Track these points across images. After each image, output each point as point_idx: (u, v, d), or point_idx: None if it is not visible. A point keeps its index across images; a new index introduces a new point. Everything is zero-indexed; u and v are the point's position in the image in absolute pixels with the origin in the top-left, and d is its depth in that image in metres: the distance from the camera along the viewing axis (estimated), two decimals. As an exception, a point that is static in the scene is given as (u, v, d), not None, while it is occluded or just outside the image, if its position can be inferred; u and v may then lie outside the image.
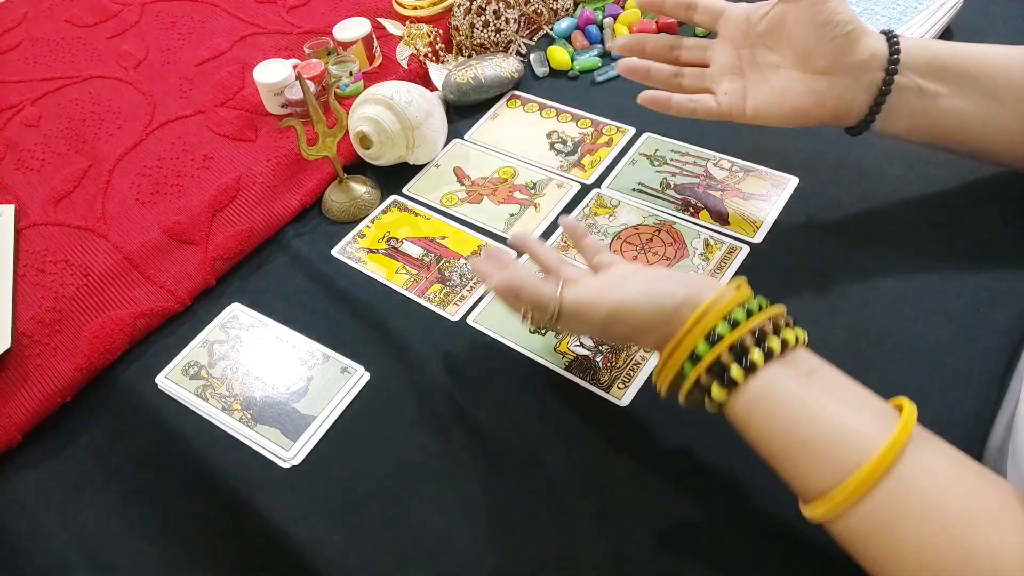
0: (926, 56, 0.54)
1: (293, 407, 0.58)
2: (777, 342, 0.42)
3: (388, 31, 0.87)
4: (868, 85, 0.54)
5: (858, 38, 0.53)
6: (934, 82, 0.54)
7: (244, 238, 0.70)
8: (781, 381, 0.42)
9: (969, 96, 0.53)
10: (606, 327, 0.48)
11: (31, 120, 0.85)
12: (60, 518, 0.56)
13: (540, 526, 0.50)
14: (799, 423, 0.40)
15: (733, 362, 0.42)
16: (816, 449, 0.39)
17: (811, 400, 0.41)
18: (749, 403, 0.42)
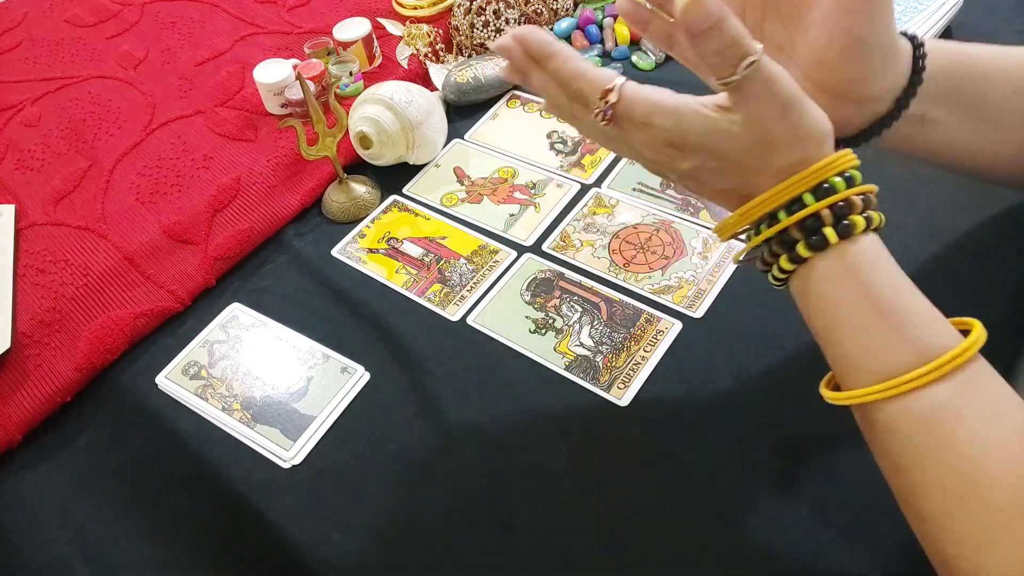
0: (942, 78, 0.46)
1: (293, 407, 0.58)
2: (876, 216, 0.39)
3: (388, 31, 0.87)
4: (871, 114, 0.46)
5: (886, 68, 0.44)
6: (940, 109, 0.47)
7: (244, 238, 0.70)
8: (884, 251, 0.40)
9: (969, 124, 0.48)
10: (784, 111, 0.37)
11: (31, 120, 0.85)
12: (60, 518, 0.56)
13: (540, 526, 0.50)
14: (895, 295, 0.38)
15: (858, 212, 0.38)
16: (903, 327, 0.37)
17: (900, 279, 0.39)
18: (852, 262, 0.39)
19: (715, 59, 0.36)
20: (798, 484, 0.49)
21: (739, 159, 0.39)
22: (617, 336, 0.59)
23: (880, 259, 0.39)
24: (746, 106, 0.37)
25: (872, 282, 0.38)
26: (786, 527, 0.48)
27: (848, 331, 0.39)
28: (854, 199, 0.38)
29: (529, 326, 0.61)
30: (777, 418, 0.52)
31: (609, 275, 0.63)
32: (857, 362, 0.39)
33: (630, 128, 0.40)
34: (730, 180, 0.40)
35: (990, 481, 0.34)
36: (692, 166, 0.40)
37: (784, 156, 0.38)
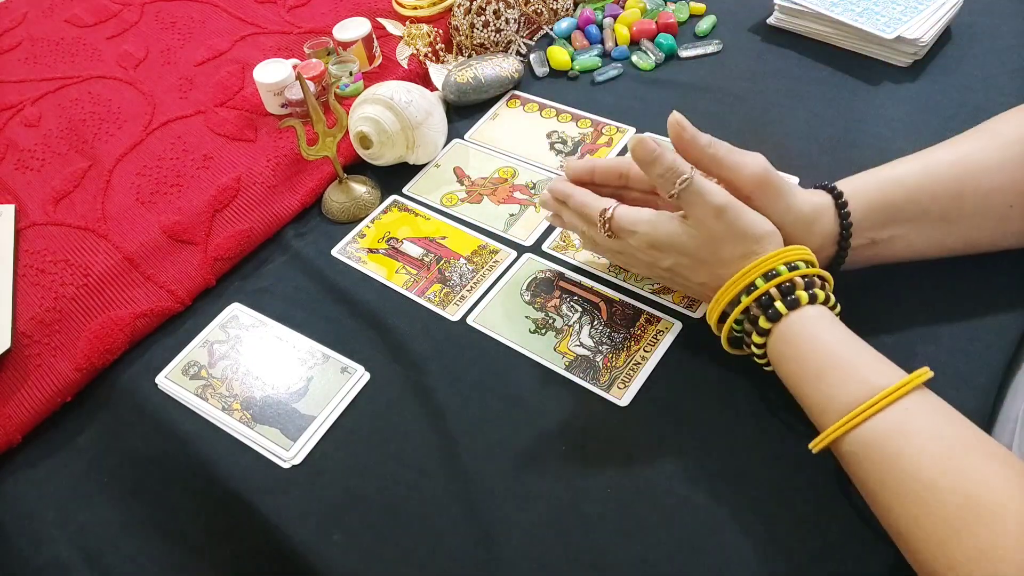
0: (877, 210, 0.52)
1: (293, 407, 0.58)
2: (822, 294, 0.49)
3: (388, 31, 0.87)
4: (824, 259, 0.54)
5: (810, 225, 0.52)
6: (886, 229, 0.53)
7: (244, 238, 0.70)
8: (831, 316, 0.49)
9: (922, 229, 0.53)
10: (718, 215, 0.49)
11: (31, 120, 0.85)
12: (60, 518, 0.56)
13: (540, 526, 0.50)
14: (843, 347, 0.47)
15: (801, 289, 0.48)
16: (851, 371, 0.45)
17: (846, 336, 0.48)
18: (802, 326, 0.48)
19: (660, 180, 0.50)
20: (798, 484, 0.49)
21: (698, 254, 0.51)
22: (617, 336, 0.59)
23: (826, 322, 0.48)
24: (691, 212, 0.50)
25: (821, 339, 0.47)
26: (786, 527, 0.48)
27: (809, 380, 0.47)
28: (796, 279, 0.48)
29: (529, 326, 0.61)
30: (777, 418, 0.52)
31: (609, 275, 0.63)
32: (821, 407, 0.46)
33: (624, 235, 0.53)
34: (701, 274, 0.52)
35: (943, 484, 0.39)
36: (672, 263, 0.53)
37: (729, 249, 0.50)
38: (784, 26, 0.82)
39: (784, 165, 0.69)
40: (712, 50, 0.82)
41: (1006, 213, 0.53)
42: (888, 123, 0.71)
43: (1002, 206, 0.52)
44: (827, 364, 0.46)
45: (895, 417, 0.43)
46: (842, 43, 0.79)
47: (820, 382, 0.46)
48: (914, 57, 0.75)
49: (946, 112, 0.71)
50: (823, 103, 0.74)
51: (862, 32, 0.75)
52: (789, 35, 0.82)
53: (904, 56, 0.75)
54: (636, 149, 0.50)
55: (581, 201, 0.56)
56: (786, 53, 0.80)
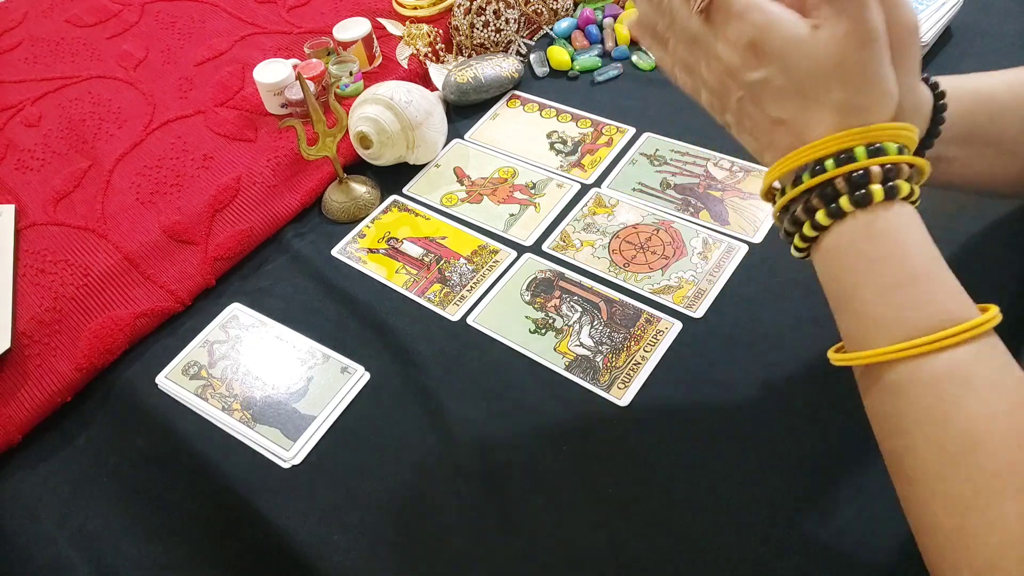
0: (963, 122, 0.48)
1: (293, 407, 0.58)
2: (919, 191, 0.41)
3: (388, 31, 0.87)
4: None
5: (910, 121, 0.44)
6: (955, 148, 0.49)
7: (244, 238, 0.70)
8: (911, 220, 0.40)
9: (985, 156, 0.50)
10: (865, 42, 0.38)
11: (31, 120, 0.85)
12: (60, 518, 0.56)
13: (540, 526, 0.50)
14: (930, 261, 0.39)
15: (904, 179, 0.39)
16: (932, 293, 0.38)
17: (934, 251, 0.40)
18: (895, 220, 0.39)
19: None
20: (799, 484, 0.49)
21: (807, 81, 0.39)
22: (617, 336, 0.59)
23: (918, 225, 0.40)
24: (835, 22, 0.38)
25: (910, 243, 0.39)
26: (787, 526, 0.48)
27: (878, 289, 0.39)
28: (903, 166, 0.39)
29: (529, 326, 0.61)
30: (777, 418, 0.52)
31: (609, 275, 0.63)
32: (880, 321, 0.39)
33: (722, 21, 0.41)
34: (789, 107, 0.40)
35: (990, 447, 0.35)
36: (761, 77, 0.40)
37: (847, 91, 0.39)
38: (784, 26, 0.82)
39: (784, 165, 0.69)
40: (712, 50, 0.82)
41: None
42: (888, 123, 0.71)
43: None
44: (910, 276, 0.39)
45: (964, 359, 0.37)
46: (842, 43, 0.79)
47: (894, 294, 0.39)
48: (914, 57, 0.75)
49: (946, 112, 0.71)
50: (823, 103, 0.74)
51: (862, 32, 0.75)
52: (789, 35, 0.82)
53: (904, 56, 0.75)
54: None
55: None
56: (786, 53, 0.80)
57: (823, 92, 0.39)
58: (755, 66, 0.41)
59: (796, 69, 0.39)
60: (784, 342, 0.56)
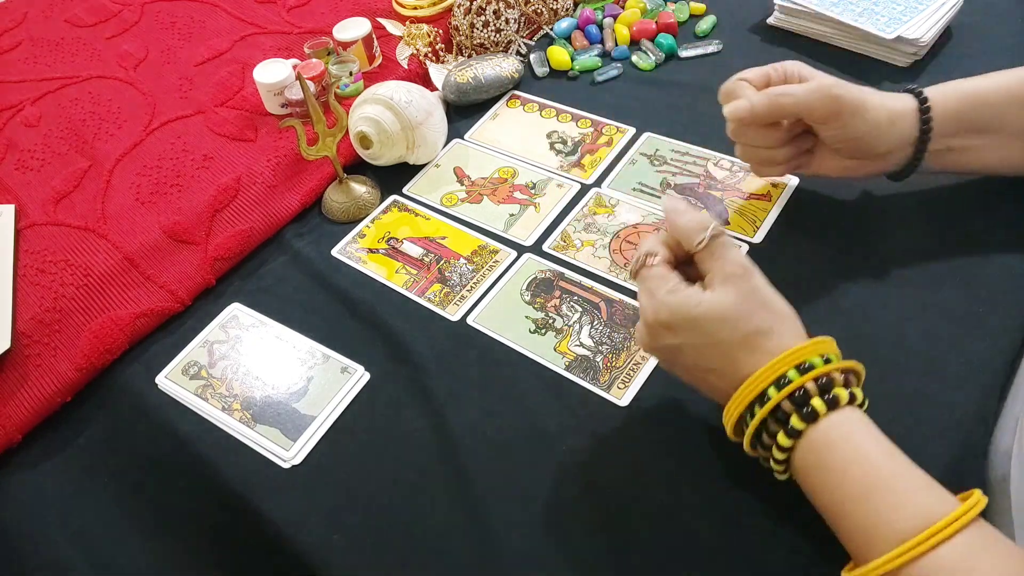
0: (956, 117, 0.54)
1: (293, 407, 0.58)
2: (860, 393, 0.43)
3: (388, 31, 0.87)
4: (898, 160, 0.56)
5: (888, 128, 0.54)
6: (961, 138, 0.55)
7: (244, 238, 0.70)
8: (870, 422, 0.42)
9: (997, 142, 0.55)
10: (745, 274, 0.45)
11: (31, 120, 0.85)
12: (60, 518, 0.56)
13: (540, 526, 0.50)
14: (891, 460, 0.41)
15: (840, 386, 0.43)
16: (905, 494, 0.39)
17: (892, 449, 0.41)
18: (840, 432, 0.42)
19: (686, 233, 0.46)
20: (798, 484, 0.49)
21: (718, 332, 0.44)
22: (617, 336, 0.59)
23: (869, 430, 0.42)
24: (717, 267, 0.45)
25: (866, 450, 0.41)
26: (787, 526, 0.48)
27: (855, 498, 0.41)
28: (835, 374, 0.43)
29: (529, 326, 0.61)
30: (777, 418, 0.52)
31: (609, 275, 0.63)
32: (867, 531, 0.40)
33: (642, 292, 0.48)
34: (712, 359, 0.46)
35: None
36: (678, 343, 0.46)
37: (757, 319, 0.44)
38: (784, 26, 0.82)
39: (784, 165, 0.69)
40: (712, 50, 0.82)
41: None
42: (888, 123, 0.71)
43: None
44: (876, 483, 0.40)
45: (958, 552, 0.37)
46: (842, 43, 0.79)
47: (867, 503, 0.40)
48: (914, 57, 0.75)
49: (946, 112, 0.71)
50: (823, 103, 0.74)
51: (862, 32, 0.75)
52: (789, 35, 0.82)
53: (904, 56, 0.75)
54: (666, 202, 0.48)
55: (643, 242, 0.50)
56: (786, 53, 0.80)
57: (735, 333, 0.44)
58: (664, 336, 0.47)
59: (705, 327, 0.45)
60: (784, 342, 0.56)
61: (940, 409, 0.51)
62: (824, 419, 0.42)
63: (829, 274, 0.59)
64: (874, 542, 0.39)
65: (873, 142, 0.54)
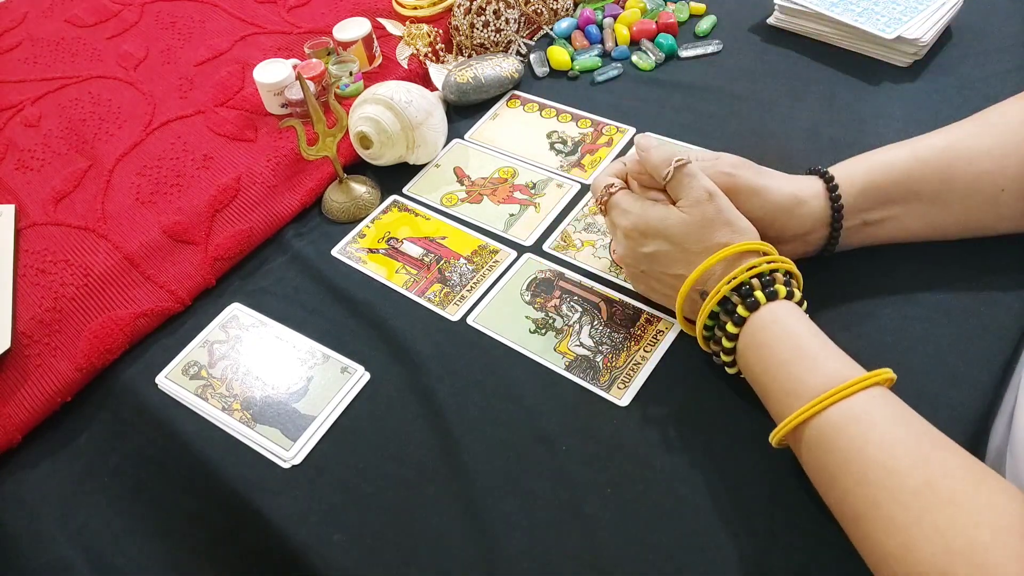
0: (866, 192, 0.55)
1: (293, 407, 0.58)
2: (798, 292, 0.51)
3: (388, 31, 0.87)
4: (818, 240, 0.57)
5: (795, 208, 0.55)
6: (876, 211, 0.56)
7: (244, 238, 0.70)
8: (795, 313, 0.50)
9: (913, 211, 0.55)
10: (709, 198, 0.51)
11: (31, 120, 0.85)
12: (60, 518, 0.56)
13: (540, 526, 0.50)
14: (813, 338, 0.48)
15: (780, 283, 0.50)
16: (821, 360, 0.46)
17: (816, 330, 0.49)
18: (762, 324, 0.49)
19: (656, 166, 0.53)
20: (798, 484, 0.49)
21: (685, 241, 0.52)
22: (617, 336, 0.59)
23: (798, 315, 0.49)
24: (685, 194, 0.52)
25: (793, 329, 0.48)
26: (787, 527, 0.48)
27: (776, 366, 0.48)
28: (776, 274, 0.50)
29: (529, 326, 0.61)
30: (777, 418, 0.52)
31: (610, 275, 0.63)
32: (787, 392, 0.46)
33: (615, 216, 0.56)
34: (680, 263, 0.53)
35: (904, 468, 0.40)
36: (654, 249, 0.54)
37: (719, 234, 0.51)
38: (784, 26, 0.82)
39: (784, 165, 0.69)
40: (712, 50, 0.82)
41: (997, 197, 0.54)
42: (888, 123, 0.71)
43: (992, 189, 0.53)
44: (798, 352, 0.47)
45: (862, 405, 0.43)
46: (842, 43, 0.79)
47: (790, 368, 0.47)
48: (914, 57, 0.75)
49: (946, 112, 0.71)
50: (823, 103, 0.74)
51: (862, 32, 0.75)
52: (789, 35, 0.82)
53: (904, 56, 0.75)
54: (639, 140, 0.55)
55: (598, 178, 0.59)
56: (786, 53, 0.80)
57: (702, 242, 0.51)
58: (646, 243, 0.54)
59: (676, 236, 0.52)
60: (784, 342, 0.56)
61: (940, 409, 0.51)
62: (763, 307, 0.49)
63: (829, 274, 0.59)
64: (792, 401, 0.46)
65: (780, 225, 0.55)
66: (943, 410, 0.51)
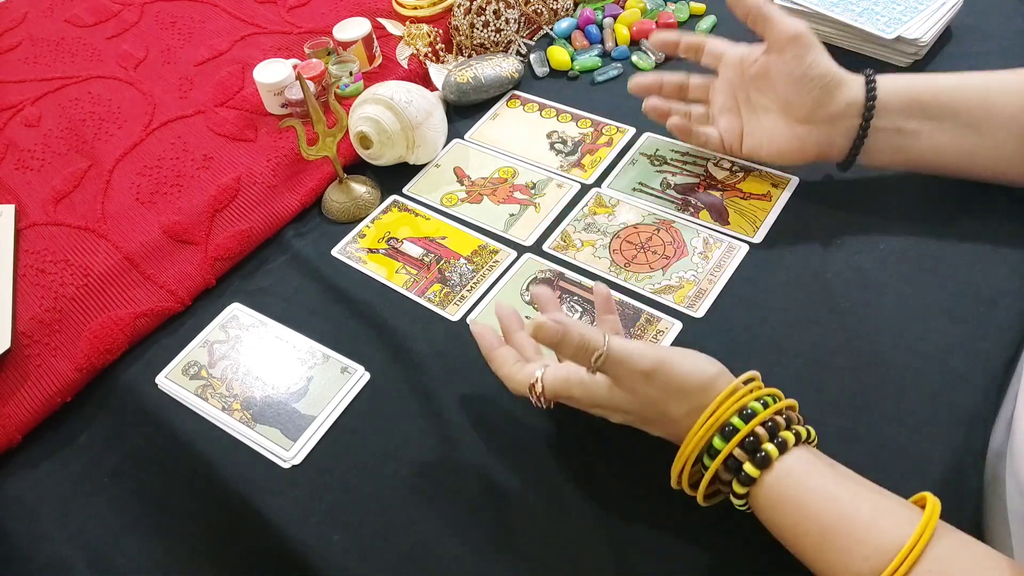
0: (905, 97, 0.56)
1: (293, 407, 0.58)
2: (804, 431, 0.44)
3: (388, 31, 0.87)
4: (846, 131, 0.57)
5: (834, 89, 0.57)
6: (913, 120, 0.56)
7: (244, 238, 0.70)
8: (811, 463, 0.42)
9: (948, 130, 0.56)
10: (647, 379, 0.45)
11: (31, 120, 0.85)
12: (60, 518, 0.56)
13: (540, 526, 0.50)
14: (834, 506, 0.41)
15: (766, 440, 0.42)
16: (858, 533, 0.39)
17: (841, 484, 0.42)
18: (780, 488, 0.42)
19: (576, 357, 0.45)
20: (798, 484, 0.49)
21: (643, 415, 0.47)
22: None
23: (809, 474, 0.42)
24: (619, 383, 0.46)
25: (807, 502, 0.41)
26: (786, 527, 0.48)
27: (810, 551, 0.41)
28: (758, 430, 0.43)
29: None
30: (777, 418, 0.52)
31: (610, 275, 0.63)
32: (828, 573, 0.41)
33: (563, 400, 0.50)
34: (656, 429, 0.48)
35: None
36: (622, 419, 0.48)
37: (673, 407, 0.45)
38: (784, 26, 0.82)
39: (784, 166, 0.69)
40: (712, 50, 0.82)
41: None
42: (888, 123, 0.71)
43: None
44: (829, 527, 0.40)
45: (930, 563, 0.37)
46: (842, 43, 0.79)
47: (822, 550, 0.40)
48: (914, 57, 0.75)
49: (946, 112, 0.71)
50: (823, 103, 0.74)
51: (862, 32, 0.75)
52: (789, 35, 0.82)
53: (904, 56, 0.75)
54: (540, 333, 0.45)
55: (504, 373, 0.51)
56: (786, 53, 0.80)
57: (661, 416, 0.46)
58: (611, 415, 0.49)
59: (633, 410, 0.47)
60: (784, 342, 0.56)
61: (940, 408, 0.51)
62: (760, 480, 0.42)
63: (829, 274, 0.59)
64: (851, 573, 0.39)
65: (815, 99, 0.56)
66: (943, 410, 0.51)
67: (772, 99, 0.61)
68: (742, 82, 0.63)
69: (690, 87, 0.68)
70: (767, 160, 0.64)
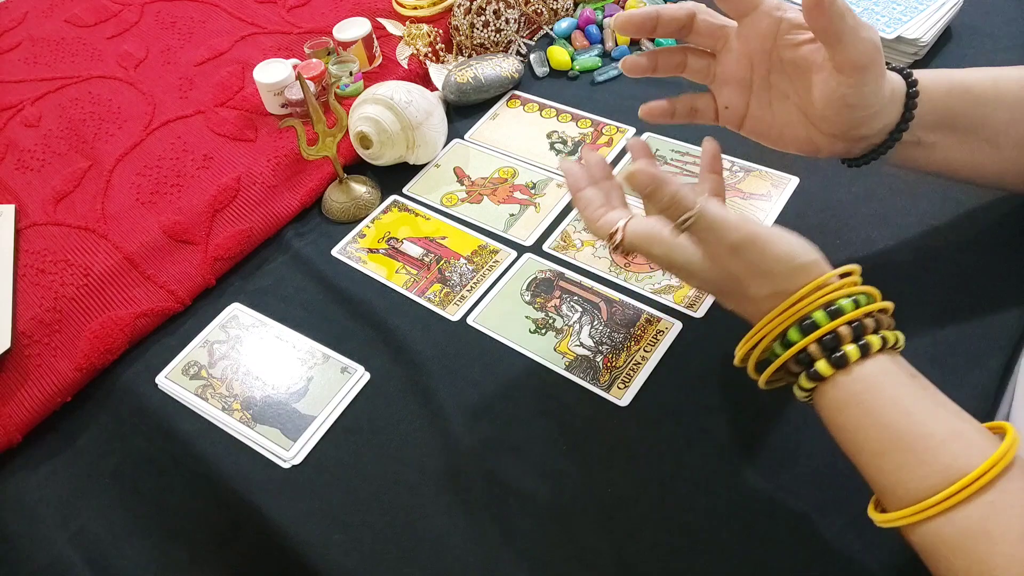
0: (940, 110, 0.49)
1: (293, 407, 0.58)
2: (893, 336, 0.41)
3: (388, 31, 0.87)
4: (867, 147, 0.51)
5: (877, 119, 0.48)
6: (936, 134, 0.50)
7: (244, 238, 0.70)
8: (891, 373, 0.40)
9: (966, 144, 0.51)
10: (734, 253, 0.42)
11: (31, 120, 0.85)
12: (60, 518, 0.56)
13: (540, 526, 0.50)
14: (906, 419, 0.39)
15: (848, 341, 0.40)
16: (923, 452, 0.37)
17: (918, 399, 0.39)
18: (852, 390, 0.40)
19: (665, 212, 0.43)
20: (798, 483, 0.49)
21: (719, 287, 0.45)
22: (617, 336, 0.59)
23: (885, 383, 0.40)
24: (704, 248, 0.43)
25: (878, 410, 0.39)
26: (786, 526, 0.48)
27: (868, 457, 0.40)
28: (841, 330, 0.40)
29: (529, 326, 0.61)
30: (777, 418, 0.52)
31: (610, 275, 0.63)
32: (883, 487, 0.39)
33: (642, 253, 0.47)
34: (731, 303, 0.45)
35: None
36: (697, 285, 0.47)
37: (754, 288, 0.42)
38: (784, 26, 0.82)
39: (784, 165, 0.69)
40: (712, 50, 0.82)
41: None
42: (888, 123, 0.71)
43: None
44: (889, 441, 0.39)
45: (978, 513, 0.36)
46: (842, 43, 0.79)
47: (883, 460, 0.39)
48: (914, 57, 0.75)
49: (946, 112, 0.71)
50: (823, 103, 0.74)
51: (862, 32, 0.75)
52: (789, 35, 0.82)
53: (904, 56, 0.75)
54: (632, 180, 0.43)
55: (588, 215, 0.50)
56: (786, 53, 0.80)
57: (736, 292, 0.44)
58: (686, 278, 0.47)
59: (706, 280, 0.44)
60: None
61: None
62: (832, 379, 0.40)
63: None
64: (888, 497, 0.39)
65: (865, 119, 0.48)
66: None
67: (800, 94, 0.50)
68: (767, 59, 0.50)
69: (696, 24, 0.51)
70: (768, 145, 0.55)
